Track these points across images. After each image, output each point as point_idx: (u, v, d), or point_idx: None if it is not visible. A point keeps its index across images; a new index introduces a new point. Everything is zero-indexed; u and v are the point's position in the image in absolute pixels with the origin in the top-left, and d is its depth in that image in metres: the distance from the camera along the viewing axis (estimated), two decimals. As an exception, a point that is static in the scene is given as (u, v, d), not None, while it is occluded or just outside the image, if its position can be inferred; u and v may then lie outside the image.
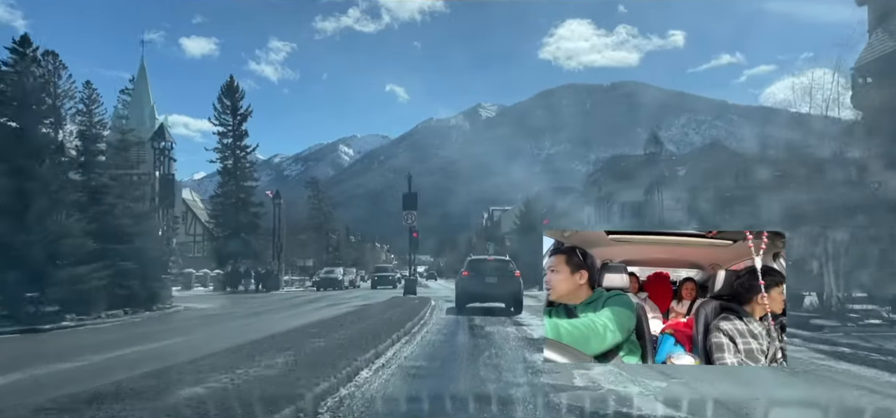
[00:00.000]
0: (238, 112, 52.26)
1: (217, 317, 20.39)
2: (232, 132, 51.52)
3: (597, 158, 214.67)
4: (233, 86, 52.69)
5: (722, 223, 22.69)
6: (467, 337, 13.20)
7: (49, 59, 53.66)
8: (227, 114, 52.34)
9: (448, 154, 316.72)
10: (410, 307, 18.78)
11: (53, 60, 50.71)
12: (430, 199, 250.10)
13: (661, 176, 41.94)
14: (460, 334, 13.80)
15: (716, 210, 25.96)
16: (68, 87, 21.14)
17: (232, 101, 52.11)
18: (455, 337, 13.21)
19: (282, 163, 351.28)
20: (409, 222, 30.51)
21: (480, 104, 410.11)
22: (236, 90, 53.20)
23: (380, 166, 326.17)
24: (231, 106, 52.25)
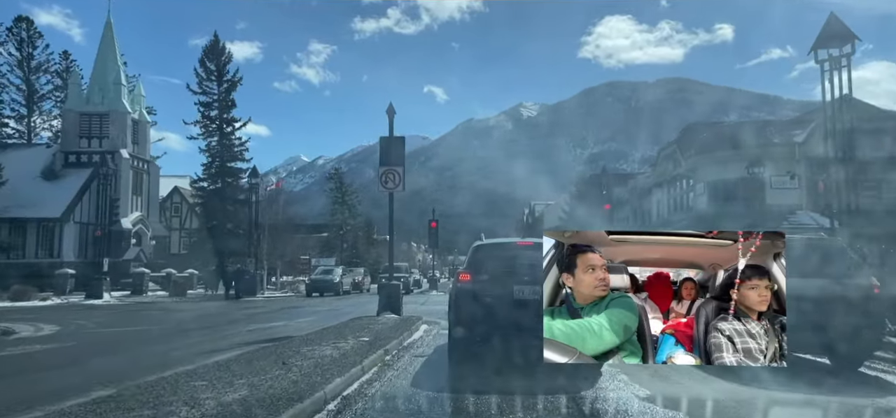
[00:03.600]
0: (224, 79, 43.35)
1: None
2: (217, 102, 43.00)
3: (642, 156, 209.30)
4: (217, 46, 43.81)
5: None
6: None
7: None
8: (212, 80, 43.26)
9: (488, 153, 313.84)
10: (341, 355, 8.33)
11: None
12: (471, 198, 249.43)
13: (766, 141, 30.73)
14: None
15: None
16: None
17: (217, 66, 43.34)
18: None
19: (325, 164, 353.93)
20: (389, 185, 17.02)
21: (522, 103, 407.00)
22: (222, 52, 43.93)
23: (422, 167, 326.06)
24: (216, 71, 43.30)
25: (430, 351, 10.24)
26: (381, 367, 8.09)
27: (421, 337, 12.31)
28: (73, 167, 42.88)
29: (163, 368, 7.36)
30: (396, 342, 10.18)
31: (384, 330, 11.85)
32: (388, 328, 12.27)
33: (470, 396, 6.29)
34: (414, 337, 11.94)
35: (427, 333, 13.02)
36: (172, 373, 6.80)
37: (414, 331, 12.58)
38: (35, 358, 9.96)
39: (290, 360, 7.52)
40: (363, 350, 8.73)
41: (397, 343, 10.23)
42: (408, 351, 10.02)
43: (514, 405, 5.84)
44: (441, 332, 13.20)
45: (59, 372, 8.49)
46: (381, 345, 9.26)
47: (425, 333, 12.96)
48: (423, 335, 12.64)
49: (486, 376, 7.53)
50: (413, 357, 9.41)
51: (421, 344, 11.19)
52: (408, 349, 10.28)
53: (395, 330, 11.79)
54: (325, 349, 8.75)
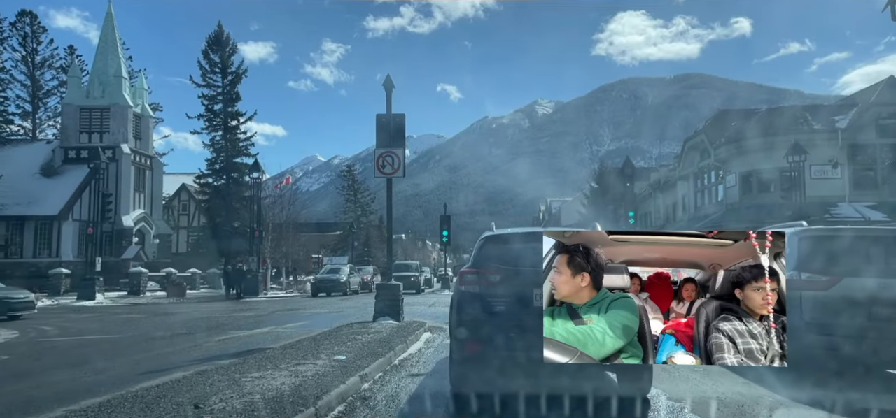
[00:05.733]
0: (228, 71, 41.71)
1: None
2: (222, 95, 41.49)
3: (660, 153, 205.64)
4: (222, 37, 42.05)
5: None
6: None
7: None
8: (216, 72, 41.67)
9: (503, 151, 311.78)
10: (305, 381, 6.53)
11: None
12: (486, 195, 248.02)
13: (806, 127, 28.24)
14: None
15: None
16: None
17: (221, 58, 41.73)
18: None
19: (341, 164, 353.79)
20: (387, 169, 14.61)
21: (537, 100, 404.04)
22: (227, 43, 42.07)
23: (436, 165, 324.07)
24: (220, 63, 41.70)
25: (429, 369, 8.23)
26: (348, 408, 5.79)
27: (419, 349, 10.29)
28: (72, 163, 41.39)
29: (52, 403, 5.37)
30: (383, 361, 8.05)
31: (374, 342, 9.78)
32: (379, 339, 10.16)
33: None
34: (411, 351, 9.91)
35: (429, 344, 11.01)
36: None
37: (412, 342, 10.54)
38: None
39: (213, 398, 5.37)
40: (331, 376, 6.54)
41: (385, 362, 8.13)
42: (398, 371, 7.98)
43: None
44: (447, 341, 11.19)
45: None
46: (359, 368, 7.14)
47: (426, 344, 10.95)
48: (424, 346, 10.62)
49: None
50: (404, 378, 7.44)
51: (418, 359, 9.15)
52: (400, 368, 8.25)
53: (388, 343, 9.68)
54: (279, 375, 6.65)
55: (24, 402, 6.34)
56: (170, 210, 53.84)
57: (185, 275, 36.88)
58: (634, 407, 5.64)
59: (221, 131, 41.03)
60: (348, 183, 67.32)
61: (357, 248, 56.88)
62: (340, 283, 32.94)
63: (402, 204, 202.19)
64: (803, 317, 6.57)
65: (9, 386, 7.58)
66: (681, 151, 37.94)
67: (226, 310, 21.92)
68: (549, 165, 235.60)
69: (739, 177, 29.83)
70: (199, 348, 11.01)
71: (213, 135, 41.21)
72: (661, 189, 41.28)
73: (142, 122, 44.23)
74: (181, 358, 9.42)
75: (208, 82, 41.58)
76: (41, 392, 6.97)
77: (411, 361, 8.91)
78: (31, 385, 7.58)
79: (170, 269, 36.81)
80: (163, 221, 47.32)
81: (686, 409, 5.74)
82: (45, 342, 12.99)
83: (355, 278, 36.39)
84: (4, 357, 10.46)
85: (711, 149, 31.79)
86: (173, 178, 54.72)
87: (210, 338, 12.64)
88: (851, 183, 27.73)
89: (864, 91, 31.68)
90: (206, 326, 15.62)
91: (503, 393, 5.73)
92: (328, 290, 32.37)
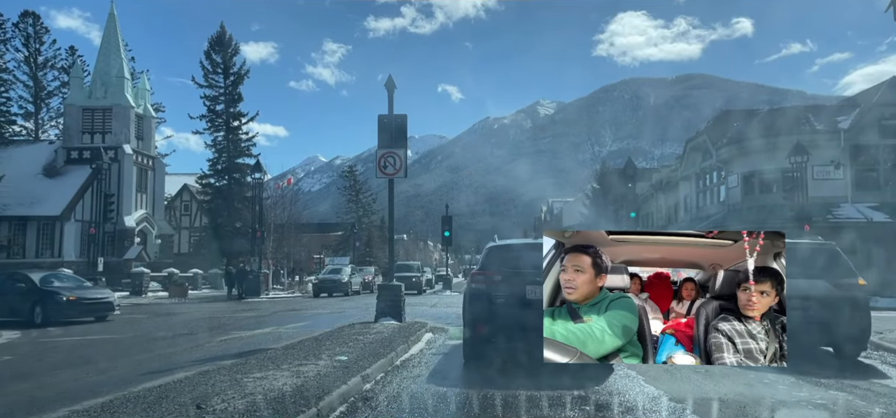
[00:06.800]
0: (230, 71, 41.82)
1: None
2: (224, 96, 41.62)
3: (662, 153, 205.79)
4: (224, 38, 42.18)
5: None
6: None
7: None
8: (218, 73, 41.70)
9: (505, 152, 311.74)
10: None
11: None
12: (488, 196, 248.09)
13: (808, 127, 28.06)
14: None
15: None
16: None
17: (224, 58, 41.83)
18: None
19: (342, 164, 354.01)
20: (389, 169, 14.29)
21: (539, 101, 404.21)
22: (229, 44, 42.12)
23: (438, 165, 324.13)
24: (222, 64, 41.76)
25: (431, 369, 8.21)
26: (349, 408, 5.82)
27: (421, 349, 10.27)
28: (75, 163, 41.44)
29: (54, 403, 5.37)
30: (385, 362, 8.05)
31: (375, 342, 9.78)
32: (381, 339, 10.13)
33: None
34: (412, 351, 9.89)
35: (430, 344, 10.97)
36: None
37: (413, 343, 10.51)
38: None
39: (215, 398, 5.38)
40: (333, 377, 6.56)
41: (386, 362, 8.11)
42: (400, 372, 7.97)
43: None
44: (448, 341, 11.27)
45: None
46: (361, 369, 7.13)
47: (428, 344, 10.92)
48: (425, 347, 10.59)
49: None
50: (406, 379, 7.46)
51: (420, 360, 9.13)
52: (401, 369, 8.24)
53: (389, 343, 9.63)
54: (280, 376, 6.64)
55: (27, 402, 6.38)
56: (172, 210, 53.89)
57: (187, 275, 36.88)
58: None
59: (223, 131, 41.23)
60: (350, 183, 67.22)
61: (358, 249, 56.73)
62: (342, 284, 32.90)
63: (403, 204, 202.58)
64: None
65: (12, 386, 7.61)
66: (682, 152, 37.91)
67: (227, 311, 21.94)
68: (551, 166, 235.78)
69: (741, 177, 29.82)
70: (201, 348, 11.04)
71: (215, 136, 41.44)
72: (663, 189, 41.24)
73: (144, 123, 44.30)
74: (183, 359, 9.45)
75: (210, 83, 41.74)
76: (44, 392, 7.01)
77: (413, 362, 8.92)
78: (33, 385, 7.62)
79: (172, 270, 36.82)
80: (165, 221, 47.39)
81: (687, 410, 5.73)
82: (48, 342, 13.03)
83: (357, 278, 36.24)
84: (7, 357, 10.49)
85: (713, 150, 31.79)
86: (175, 179, 54.78)
87: (212, 339, 12.67)
88: (854, 184, 27.73)
89: (866, 92, 31.60)
90: (207, 326, 15.65)
91: (502, 362, 8.18)
92: (330, 291, 32.34)
